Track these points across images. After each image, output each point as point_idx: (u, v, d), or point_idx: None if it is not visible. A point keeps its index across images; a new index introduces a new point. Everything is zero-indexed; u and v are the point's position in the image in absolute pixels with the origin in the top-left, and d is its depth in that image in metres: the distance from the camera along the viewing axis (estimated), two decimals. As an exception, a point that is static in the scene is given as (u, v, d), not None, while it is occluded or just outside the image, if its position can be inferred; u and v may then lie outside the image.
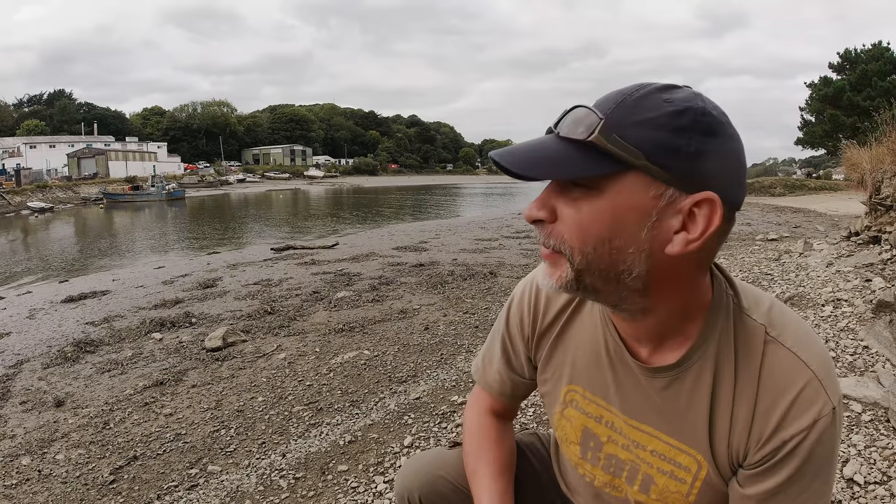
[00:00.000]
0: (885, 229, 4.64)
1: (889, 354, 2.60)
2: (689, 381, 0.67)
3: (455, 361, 3.37)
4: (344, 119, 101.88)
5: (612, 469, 0.76)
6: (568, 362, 0.79)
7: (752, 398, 0.64)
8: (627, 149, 0.54)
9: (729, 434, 0.66)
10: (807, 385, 0.62)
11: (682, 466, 0.69)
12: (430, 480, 0.94)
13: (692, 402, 0.67)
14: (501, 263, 7.11)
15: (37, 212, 27.99)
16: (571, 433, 0.80)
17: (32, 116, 68.44)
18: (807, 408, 0.61)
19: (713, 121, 0.56)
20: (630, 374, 0.71)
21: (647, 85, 0.57)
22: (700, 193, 0.55)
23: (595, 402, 0.76)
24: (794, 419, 0.61)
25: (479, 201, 33.42)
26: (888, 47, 25.89)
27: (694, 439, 0.68)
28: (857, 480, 1.74)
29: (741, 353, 0.65)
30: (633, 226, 0.56)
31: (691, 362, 0.66)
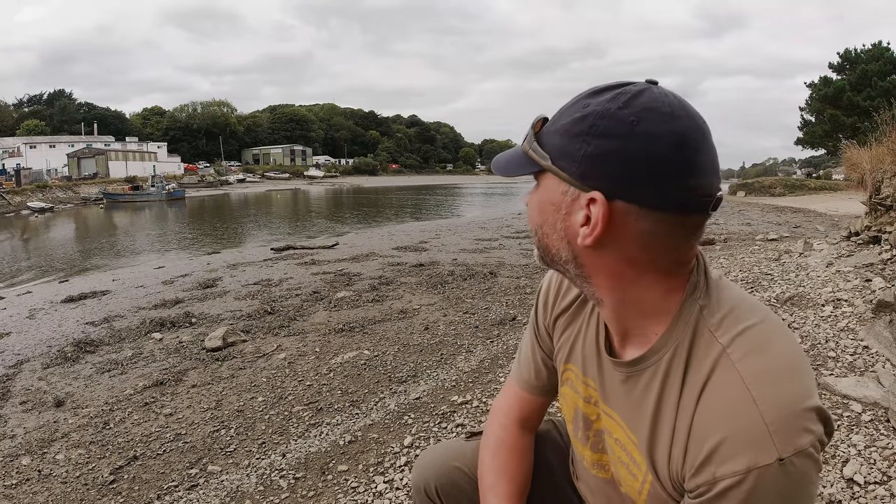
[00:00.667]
0: (885, 229, 4.64)
1: (889, 354, 2.60)
2: (642, 383, 0.68)
3: (455, 361, 3.37)
4: (344, 119, 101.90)
5: (601, 445, 0.78)
6: (570, 342, 0.83)
7: (689, 419, 0.61)
8: (540, 153, 0.64)
9: (670, 447, 0.63)
10: (745, 427, 0.55)
11: (636, 463, 0.70)
12: (447, 472, 0.95)
13: (641, 404, 0.68)
14: (501, 263, 7.11)
15: (37, 212, 28.00)
16: (567, 411, 0.84)
17: (32, 116, 68.45)
18: (739, 452, 0.55)
19: (615, 123, 0.59)
20: (608, 362, 0.74)
21: (588, 90, 0.64)
22: (591, 192, 0.60)
23: (586, 382, 0.79)
24: (725, 459, 0.56)
25: (478, 201, 33.43)
26: (888, 47, 25.90)
27: (640, 440, 0.68)
28: (857, 480, 1.74)
29: (692, 368, 0.62)
30: (552, 216, 0.65)
31: (646, 364, 0.67)
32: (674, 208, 0.59)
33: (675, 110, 0.59)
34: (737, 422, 0.56)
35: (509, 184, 56.20)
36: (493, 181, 77.65)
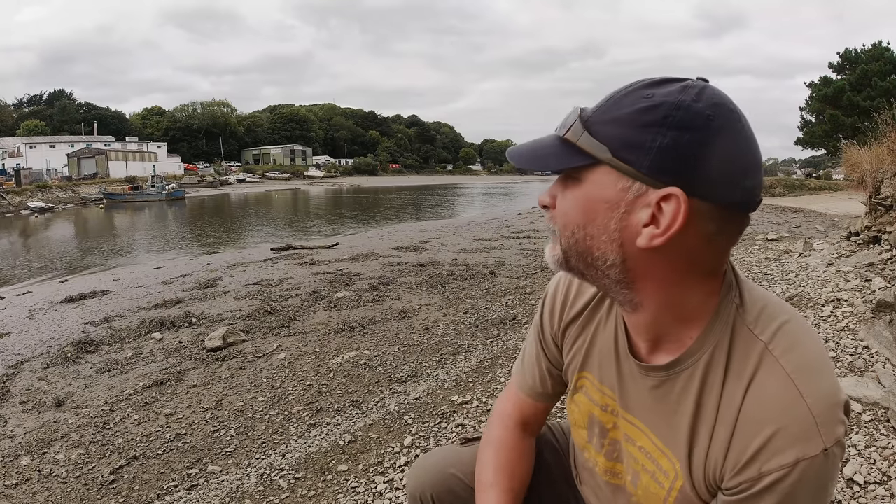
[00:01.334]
0: (885, 229, 4.64)
1: (889, 354, 2.60)
2: (678, 387, 0.66)
3: (455, 361, 3.37)
4: (344, 119, 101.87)
5: (615, 454, 0.77)
6: (584, 350, 0.80)
7: (734, 418, 0.61)
8: (595, 144, 0.58)
9: (708, 449, 0.63)
10: (796, 419, 0.57)
11: (663, 470, 0.69)
12: (443, 479, 0.94)
13: (678, 407, 0.66)
14: (501, 263, 7.11)
15: (37, 212, 27.99)
16: (579, 418, 0.82)
17: (32, 116, 68.44)
18: (790, 444, 0.56)
19: (692, 115, 0.55)
20: (631, 368, 0.72)
21: (640, 81, 0.59)
22: (666, 189, 0.55)
23: (602, 390, 0.77)
24: (774, 453, 0.57)
25: (478, 201, 33.43)
26: (888, 47, 25.89)
27: (675, 446, 0.67)
28: (857, 480, 1.74)
29: (733, 367, 0.62)
30: (603, 215, 0.59)
31: (682, 367, 0.65)
32: (737, 208, 0.58)
33: (736, 109, 0.58)
34: (787, 415, 0.57)
35: (509, 184, 56.09)
36: (493, 181, 77.64)
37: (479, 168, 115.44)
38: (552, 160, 0.62)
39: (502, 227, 12.82)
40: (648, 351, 0.70)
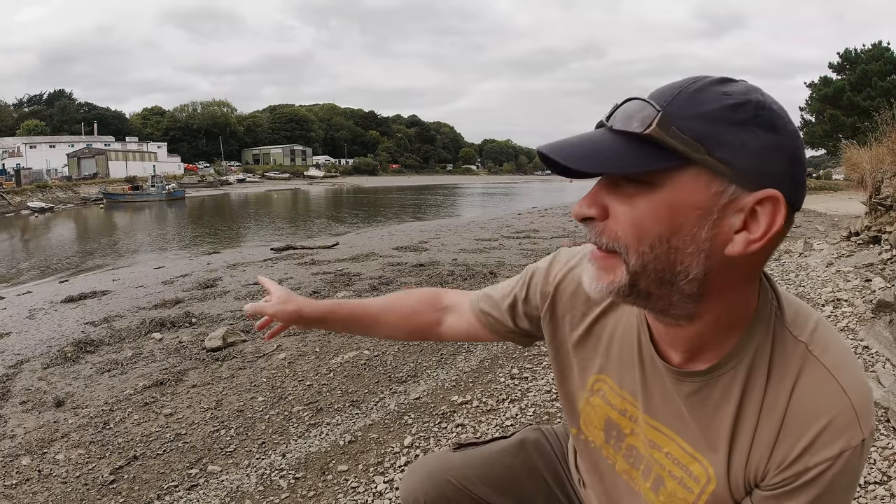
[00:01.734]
0: (885, 229, 4.64)
1: (889, 354, 2.60)
2: (719, 391, 0.64)
3: (455, 361, 3.37)
4: (344, 119, 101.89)
5: (632, 460, 0.76)
6: (601, 352, 0.77)
7: (780, 417, 0.61)
8: (688, 142, 0.51)
9: (749, 450, 0.63)
10: (841, 413, 0.58)
11: (693, 476, 0.68)
12: (437, 484, 0.93)
13: (718, 411, 0.65)
14: (501, 263, 7.11)
15: (37, 212, 27.99)
16: (595, 420, 0.80)
17: (32, 116, 68.45)
18: (837, 438, 0.58)
19: (774, 116, 0.53)
20: (658, 376, 0.70)
21: (702, 77, 0.55)
22: (763, 191, 0.52)
23: (622, 395, 0.75)
24: (822, 447, 0.58)
25: (478, 201, 33.44)
26: (888, 47, 25.89)
27: (711, 450, 0.66)
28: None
29: (776, 368, 0.62)
30: (693, 223, 0.53)
31: (723, 371, 0.64)
32: (796, 211, 0.57)
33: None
34: (833, 410, 0.58)
35: (509, 184, 56.11)
36: (493, 181, 77.65)
37: (479, 168, 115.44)
38: (627, 160, 0.52)
39: (502, 227, 12.83)
40: (685, 359, 0.67)
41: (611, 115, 0.56)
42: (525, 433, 1.02)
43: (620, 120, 0.54)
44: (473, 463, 0.96)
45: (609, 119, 0.56)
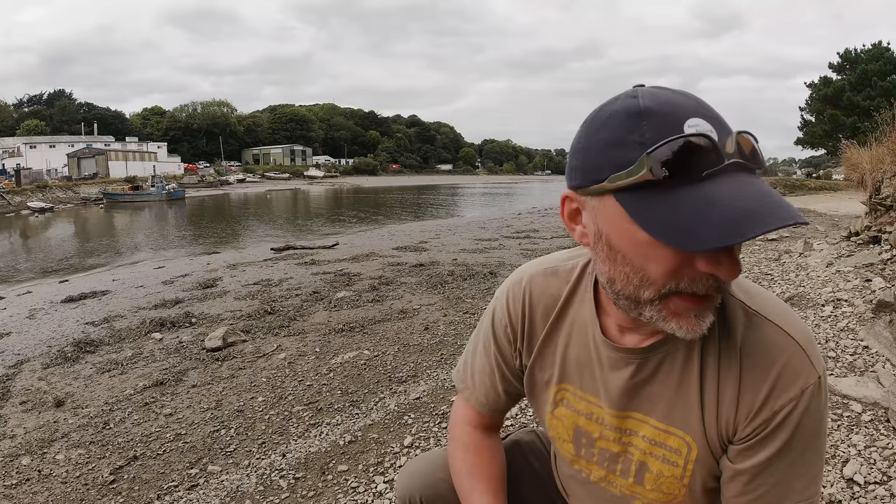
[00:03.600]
0: (885, 229, 4.64)
1: (889, 354, 2.60)
2: (679, 360, 0.68)
3: (455, 361, 3.37)
4: (344, 119, 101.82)
5: (606, 464, 0.77)
6: (558, 362, 0.79)
7: (737, 372, 0.65)
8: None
9: (717, 410, 0.66)
10: (792, 356, 0.63)
11: (673, 450, 0.70)
12: (432, 482, 0.93)
13: (682, 381, 0.68)
14: (501, 263, 7.11)
15: (37, 212, 27.96)
16: (563, 432, 0.81)
17: (32, 116, 68.37)
18: (794, 378, 0.62)
19: None
20: (616, 367, 0.72)
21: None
22: None
23: (586, 398, 0.77)
24: (783, 390, 0.62)
25: (479, 201, 33.42)
26: (888, 47, 25.87)
27: (684, 421, 0.68)
28: (857, 480, 1.74)
29: (722, 328, 0.66)
30: None
31: (681, 342, 0.67)
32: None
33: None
34: (784, 355, 0.63)
35: (509, 184, 56.05)
36: (493, 181, 77.65)
37: (479, 168, 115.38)
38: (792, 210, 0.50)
39: (502, 227, 12.83)
40: (642, 339, 0.70)
41: (740, 150, 0.54)
42: (519, 435, 1.03)
43: (757, 160, 0.55)
44: None
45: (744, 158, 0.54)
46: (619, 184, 0.55)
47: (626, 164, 0.54)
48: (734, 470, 0.66)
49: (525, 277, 0.83)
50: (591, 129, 0.59)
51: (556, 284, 0.79)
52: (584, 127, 0.60)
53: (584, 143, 0.59)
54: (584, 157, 0.59)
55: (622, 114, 0.56)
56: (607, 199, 0.57)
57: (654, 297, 0.58)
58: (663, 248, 0.54)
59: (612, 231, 0.58)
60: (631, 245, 0.57)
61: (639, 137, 0.54)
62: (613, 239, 0.58)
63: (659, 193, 0.53)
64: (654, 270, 0.56)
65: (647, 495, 0.74)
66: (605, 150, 0.56)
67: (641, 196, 0.54)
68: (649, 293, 0.58)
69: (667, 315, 0.59)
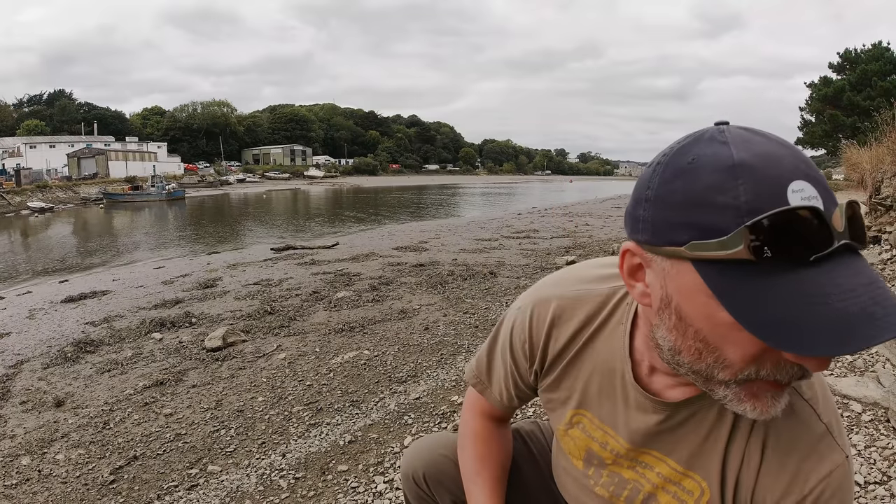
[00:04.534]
0: (885, 229, 4.64)
1: (889, 354, 2.60)
2: (714, 414, 0.65)
3: (455, 361, 3.37)
4: (344, 119, 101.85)
5: (613, 488, 0.76)
6: (579, 388, 0.77)
7: (761, 443, 0.63)
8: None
9: (737, 474, 0.65)
10: (821, 437, 0.61)
11: (687, 490, 0.69)
12: (435, 459, 0.97)
13: (711, 433, 0.66)
14: (501, 263, 7.11)
15: (37, 212, 27.96)
16: (575, 450, 0.80)
17: (32, 116, 68.39)
18: (822, 458, 0.60)
19: None
20: (645, 409, 0.69)
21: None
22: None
23: (603, 429, 0.75)
24: (811, 472, 0.60)
25: (479, 201, 33.42)
26: (888, 47, 25.88)
27: (704, 468, 0.67)
28: (857, 480, 1.74)
29: None
30: None
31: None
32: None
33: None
34: (812, 435, 0.61)
35: (510, 184, 55.98)
36: (493, 181, 77.63)
37: (479, 168, 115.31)
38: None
39: (502, 227, 12.82)
40: (673, 385, 0.67)
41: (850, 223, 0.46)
42: (521, 424, 1.06)
43: (864, 238, 0.47)
44: None
45: (846, 234, 0.46)
46: (704, 255, 0.46)
47: (712, 231, 0.45)
48: None
49: (554, 300, 0.77)
50: (667, 176, 0.49)
51: (588, 310, 0.74)
52: (657, 170, 0.51)
53: (656, 193, 0.50)
54: (656, 210, 0.49)
55: (710, 165, 0.47)
56: (683, 266, 0.48)
57: (731, 380, 0.52)
58: (747, 334, 0.46)
59: (686, 303, 0.50)
60: (708, 323, 0.49)
61: (732, 200, 0.45)
62: (686, 311, 0.50)
63: (753, 274, 0.44)
64: (734, 354, 0.49)
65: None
66: (685, 207, 0.47)
67: (731, 275, 0.45)
68: (725, 375, 0.51)
69: (743, 397, 0.53)
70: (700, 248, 0.46)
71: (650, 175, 0.51)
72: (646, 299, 0.55)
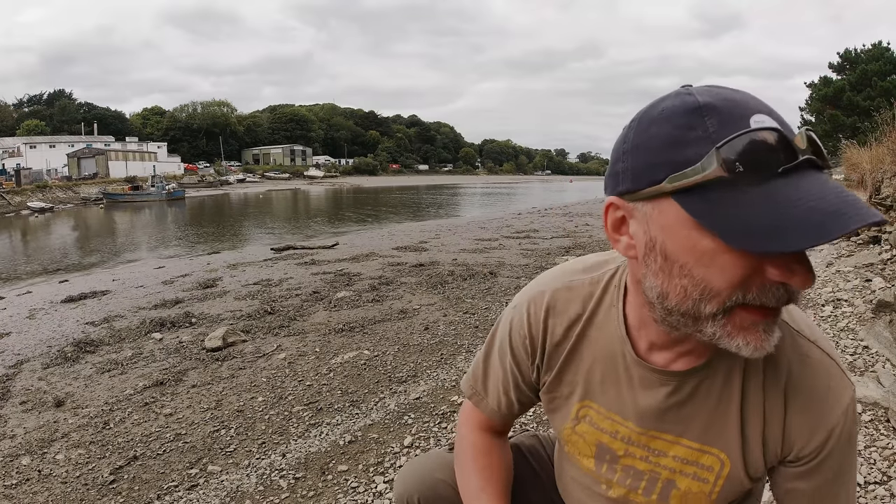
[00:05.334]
0: (885, 229, 4.63)
1: (889, 354, 2.60)
2: (720, 381, 0.66)
3: (455, 361, 3.37)
4: (344, 119, 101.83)
5: (629, 482, 0.75)
6: (581, 379, 0.76)
7: (782, 392, 0.65)
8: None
9: (762, 430, 0.66)
10: (836, 374, 0.65)
11: (706, 467, 0.69)
12: (431, 484, 0.92)
13: (722, 400, 0.67)
14: (501, 263, 7.11)
15: (37, 212, 27.96)
16: (585, 448, 0.78)
17: (32, 116, 68.36)
18: (840, 396, 0.64)
19: None
20: (651, 385, 0.69)
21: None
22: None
23: (611, 417, 0.74)
24: (834, 408, 0.64)
25: (479, 201, 33.42)
26: (888, 47, 25.88)
27: (720, 439, 0.67)
28: (857, 480, 1.74)
29: None
30: None
31: (721, 361, 0.66)
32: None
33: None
34: (830, 373, 0.65)
35: (510, 183, 55.98)
36: (493, 181, 77.63)
37: (479, 168, 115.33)
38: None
39: (502, 227, 12.82)
40: (672, 360, 0.67)
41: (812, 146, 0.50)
42: (520, 439, 1.02)
43: (825, 159, 0.51)
44: None
45: (809, 151, 0.49)
46: (683, 183, 0.49)
47: (688, 162, 0.49)
48: (795, 489, 0.67)
49: (548, 291, 0.78)
50: (642, 128, 0.54)
51: (581, 298, 0.76)
52: (631, 127, 0.56)
53: (632, 143, 0.54)
54: (635, 158, 0.54)
55: (679, 109, 0.51)
56: (664, 204, 0.52)
57: (718, 311, 0.53)
58: (730, 255, 0.49)
59: (670, 239, 0.53)
60: (692, 254, 0.52)
61: (703, 133, 0.49)
62: (670, 247, 0.53)
63: (729, 193, 0.48)
64: (719, 281, 0.51)
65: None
66: (661, 149, 0.51)
67: (708, 197, 0.49)
68: (712, 307, 0.53)
69: (731, 331, 0.54)
70: (679, 178, 0.50)
71: (625, 133, 0.56)
72: (631, 251, 0.58)
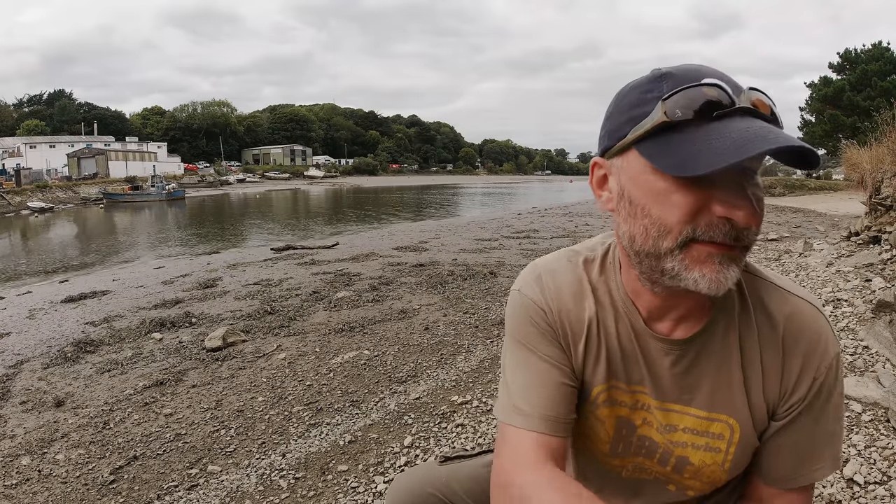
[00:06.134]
0: (885, 229, 4.63)
1: (889, 354, 2.60)
2: (717, 344, 0.69)
3: (455, 361, 3.37)
4: (344, 119, 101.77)
5: (644, 451, 0.75)
6: (603, 361, 0.73)
7: (779, 344, 0.68)
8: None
9: (763, 384, 0.69)
10: (824, 326, 0.68)
11: (716, 436, 0.70)
12: (422, 498, 0.91)
13: (723, 362, 0.69)
14: (501, 263, 7.11)
15: (37, 212, 27.96)
16: (602, 431, 0.76)
17: (32, 116, 68.34)
18: (828, 346, 0.68)
19: None
20: (659, 358, 0.71)
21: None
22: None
23: (633, 389, 0.73)
24: (823, 356, 0.67)
25: (479, 201, 33.42)
26: (888, 47, 25.91)
27: (728, 404, 0.69)
28: (857, 480, 1.74)
29: (757, 304, 0.69)
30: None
31: (717, 324, 0.69)
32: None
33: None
34: (818, 325, 0.68)
35: (510, 183, 55.93)
36: (493, 181, 77.61)
37: (479, 168, 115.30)
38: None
39: (502, 227, 12.82)
40: (673, 328, 0.70)
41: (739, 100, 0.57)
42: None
43: (767, 105, 0.58)
44: (460, 476, 0.94)
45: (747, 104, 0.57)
46: (638, 133, 0.58)
47: (645, 116, 0.58)
48: (781, 436, 0.70)
49: (538, 268, 0.77)
50: (617, 99, 0.64)
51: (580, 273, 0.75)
52: (612, 101, 0.65)
53: (609, 111, 0.64)
54: (610, 122, 0.63)
55: (644, 80, 0.61)
56: (630, 155, 0.61)
57: (674, 246, 0.58)
58: (680, 194, 0.56)
59: (634, 185, 0.61)
60: (650, 195, 0.59)
61: (658, 93, 0.58)
62: (634, 193, 0.60)
63: (674, 136, 0.56)
64: (672, 217, 0.57)
65: (684, 482, 0.74)
66: (627, 111, 0.61)
67: (659, 142, 0.57)
68: (668, 242, 0.58)
69: (689, 264, 0.58)
70: (637, 129, 0.59)
71: (608, 107, 0.66)
72: (609, 204, 0.66)
